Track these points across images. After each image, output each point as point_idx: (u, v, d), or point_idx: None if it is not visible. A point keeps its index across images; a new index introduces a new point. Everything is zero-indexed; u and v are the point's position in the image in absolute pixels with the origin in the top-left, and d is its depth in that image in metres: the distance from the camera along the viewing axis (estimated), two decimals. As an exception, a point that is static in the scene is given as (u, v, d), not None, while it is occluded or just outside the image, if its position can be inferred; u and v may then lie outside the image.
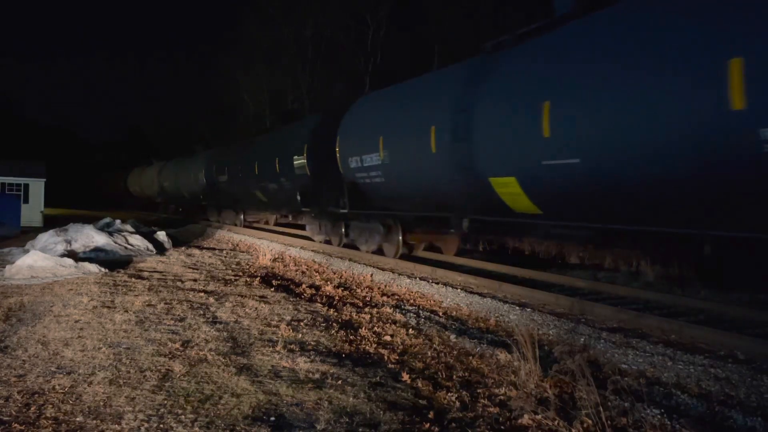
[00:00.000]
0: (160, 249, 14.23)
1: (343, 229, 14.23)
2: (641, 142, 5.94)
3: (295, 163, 15.38)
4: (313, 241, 16.03)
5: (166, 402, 4.08)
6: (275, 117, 33.65)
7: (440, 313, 7.59)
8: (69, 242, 12.87)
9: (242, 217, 23.64)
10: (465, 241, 13.75)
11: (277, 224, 24.12)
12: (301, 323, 6.53)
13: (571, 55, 7.08)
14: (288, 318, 6.77)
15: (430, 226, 11.67)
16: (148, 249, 13.72)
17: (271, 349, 5.41)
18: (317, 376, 4.69)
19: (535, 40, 8.01)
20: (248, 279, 9.78)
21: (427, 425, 3.81)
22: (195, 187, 27.06)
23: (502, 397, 4.41)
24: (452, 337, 6.21)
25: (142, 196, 39.19)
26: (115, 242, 13.34)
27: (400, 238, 12.10)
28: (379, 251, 12.67)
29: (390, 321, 6.91)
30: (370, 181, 11.67)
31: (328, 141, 13.50)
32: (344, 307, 7.62)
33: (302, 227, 18.75)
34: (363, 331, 6.30)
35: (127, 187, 42.50)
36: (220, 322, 6.49)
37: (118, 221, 16.29)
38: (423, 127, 9.60)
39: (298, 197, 15.20)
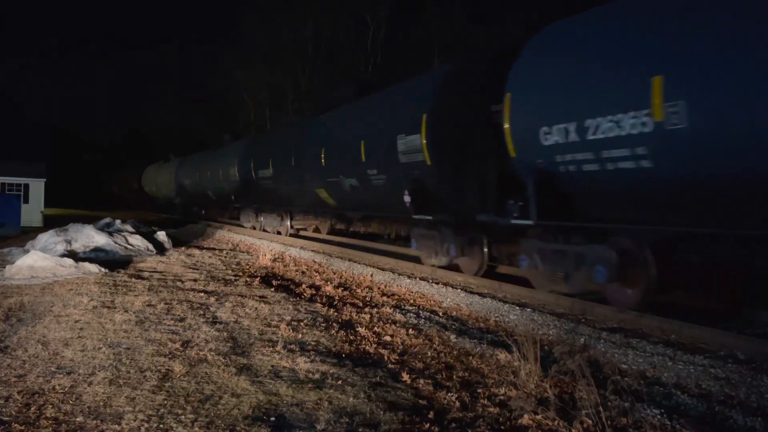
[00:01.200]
0: (160, 249, 14.23)
1: (487, 249, 9.78)
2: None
3: (400, 145, 10.05)
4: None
5: (166, 402, 4.08)
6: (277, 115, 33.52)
7: (440, 313, 7.59)
8: (69, 242, 12.88)
9: (288, 222, 18.71)
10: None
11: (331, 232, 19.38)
12: (301, 323, 6.53)
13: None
14: (288, 318, 6.77)
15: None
16: (148, 249, 13.72)
17: (271, 349, 5.41)
18: (317, 376, 4.69)
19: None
20: (248, 279, 9.78)
21: (427, 425, 3.81)
22: (224, 185, 22.47)
23: (502, 397, 4.41)
24: (452, 337, 6.21)
25: (158, 196, 36.15)
26: (115, 242, 13.34)
27: (654, 274, 6.77)
28: (587, 294, 7.66)
29: (390, 321, 6.91)
30: (608, 168, 6.36)
31: (471, 106, 8.71)
32: (344, 307, 7.62)
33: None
34: (363, 331, 6.30)
35: (142, 187, 39.12)
36: (220, 322, 6.49)
37: (118, 221, 16.29)
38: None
39: (407, 198, 10.10)
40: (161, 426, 3.69)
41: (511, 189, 7.90)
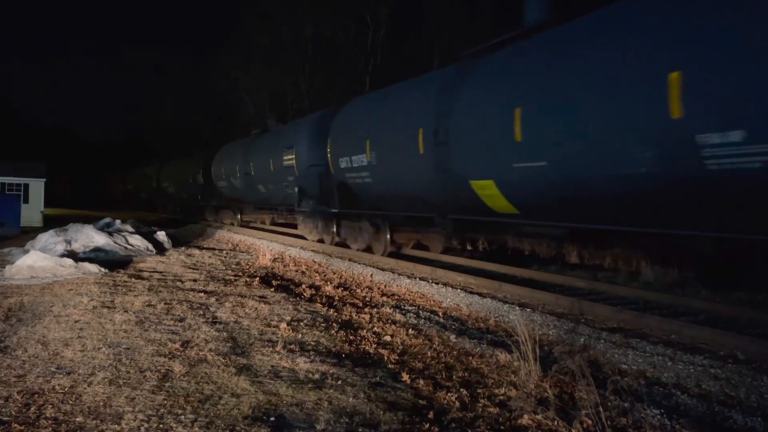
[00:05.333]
0: (160, 249, 14.22)
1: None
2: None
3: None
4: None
5: (166, 402, 4.08)
6: (276, 116, 32.93)
7: (440, 313, 7.58)
8: (69, 242, 12.88)
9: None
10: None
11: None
12: (301, 323, 6.53)
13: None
14: (288, 318, 6.76)
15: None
16: (148, 249, 13.72)
17: (270, 349, 5.41)
18: (317, 376, 4.69)
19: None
20: (248, 279, 9.78)
21: (427, 425, 3.81)
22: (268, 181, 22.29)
23: (502, 397, 4.41)
24: (452, 337, 6.20)
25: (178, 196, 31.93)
26: (115, 242, 13.34)
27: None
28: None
29: (390, 321, 6.91)
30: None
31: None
32: (344, 308, 7.62)
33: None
34: (363, 332, 6.30)
35: (161, 186, 35.34)
36: (220, 323, 6.49)
37: (118, 221, 16.30)
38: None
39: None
40: (161, 426, 3.69)
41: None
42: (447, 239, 13.37)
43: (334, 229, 14.87)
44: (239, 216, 24.26)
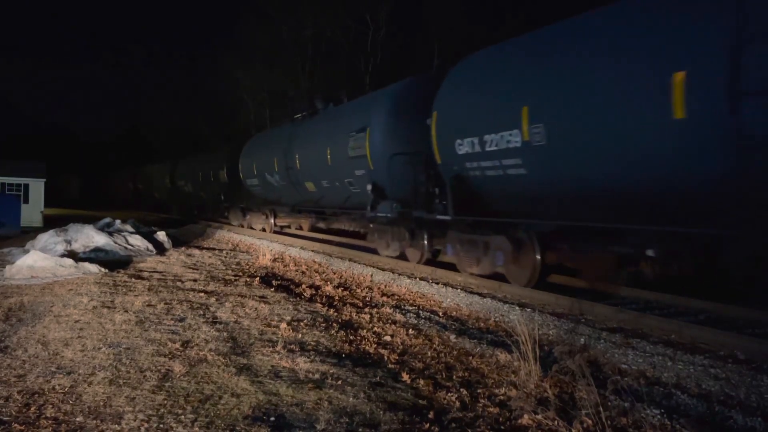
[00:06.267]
0: (160, 249, 14.22)
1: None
2: None
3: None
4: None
5: (166, 402, 4.08)
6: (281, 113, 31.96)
7: (440, 313, 7.59)
8: (69, 242, 12.88)
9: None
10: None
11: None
12: (301, 323, 6.53)
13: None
14: (288, 318, 6.77)
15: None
16: (148, 249, 13.72)
17: (271, 349, 5.41)
18: (317, 376, 4.69)
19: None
20: (248, 279, 9.78)
21: (427, 425, 3.81)
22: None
23: (502, 397, 4.41)
24: (452, 337, 6.21)
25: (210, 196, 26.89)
26: (115, 242, 13.35)
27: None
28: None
29: (390, 321, 6.91)
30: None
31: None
32: (344, 307, 7.62)
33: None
34: (363, 331, 6.30)
35: (176, 185, 32.21)
36: (220, 323, 6.49)
37: (118, 221, 16.30)
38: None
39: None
40: (161, 426, 3.69)
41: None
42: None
43: (425, 242, 11.14)
44: (273, 220, 19.90)
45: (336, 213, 14.91)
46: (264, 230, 20.04)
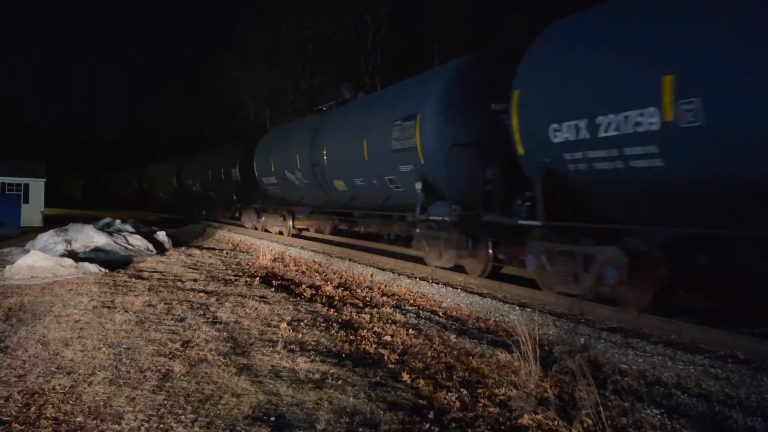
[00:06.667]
0: (160, 249, 14.23)
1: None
2: None
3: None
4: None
5: (166, 402, 4.08)
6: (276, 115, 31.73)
7: (440, 313, 7.59)
8: (69, 242, 12.88)
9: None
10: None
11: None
12: (301, 323, 6.53)
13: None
14: (288, 318, 6.77)
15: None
16: (148, 249, 13.72)
17: (271, 349, 5.41)
18: (317, 376, 4.69)
19: None
20: (248, 279, 9.78)
21: (427, 425, 3.81)
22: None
23: (502, 397, 4.41)
24: (452, 337, 6.21)
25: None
26: (115, 242, 13.35)
27: (291, 223, 8.99)
28: (280, 233, 9.54)
29: (390, 321, 6.91)
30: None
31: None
32: (344, 307, 7.62)
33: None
34: (363, 331, 6.30)
35: (183, 184, 30.10)
36: (220, 322, 6.49)
37: (118, 221, 16.30)
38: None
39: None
40: (161, 426, 3.69)
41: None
42: None
43: (489, 251, 9.41)
44: (291, 222, 17.70)
45: (368, 215, 13.00)
46: (281, 233, 18.03)
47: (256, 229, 20.25)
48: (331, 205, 14.57)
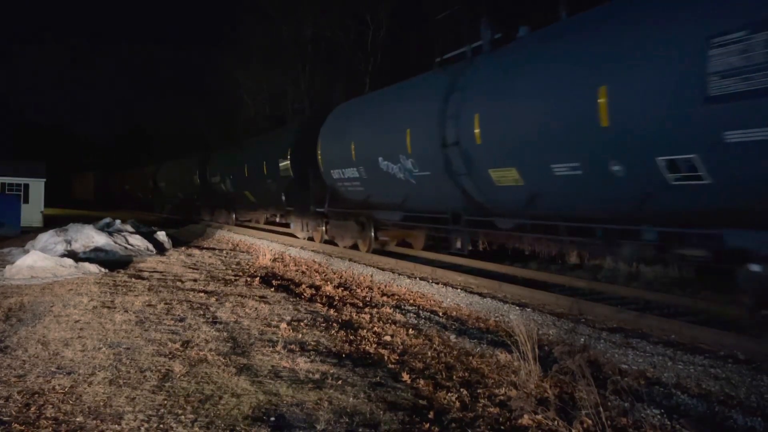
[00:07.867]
0: (160, 249, 14.23)
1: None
2: None
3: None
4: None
5: (166, 402, 4.08)
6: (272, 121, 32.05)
7: (440, 313, 7.59)
8: (69, 242, 12.88)
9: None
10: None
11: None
12: (301, 323, 6.53)
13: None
14: (288, 318, 6.77)
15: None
16: (148, 249, 13.72)
17: (271, 349, 5.41)
18: (317, 376, 4.69)
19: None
20: (248, 279, 9.78)
21: (427, 425, 3.81)
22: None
23: (502, 397, 4.41)
24: (452, 337, 6.21)
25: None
26: (115, 242, 13.35)
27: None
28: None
29: (390, 321, 6.91)
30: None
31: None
32: (344, 307, 7.62)
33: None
34: (363, 332, 6.30)
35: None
36: (220, 322, 6.49)
37: (118, 221, 16.30)
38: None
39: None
40: (161, 426, 3.69)
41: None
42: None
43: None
44: (372, 233, 13.24)
45: (561, 230, 7.78)
46: (356, 248, 13.82)
47: (312, 239, 16.27)
48: (468, 211, 9.57)
